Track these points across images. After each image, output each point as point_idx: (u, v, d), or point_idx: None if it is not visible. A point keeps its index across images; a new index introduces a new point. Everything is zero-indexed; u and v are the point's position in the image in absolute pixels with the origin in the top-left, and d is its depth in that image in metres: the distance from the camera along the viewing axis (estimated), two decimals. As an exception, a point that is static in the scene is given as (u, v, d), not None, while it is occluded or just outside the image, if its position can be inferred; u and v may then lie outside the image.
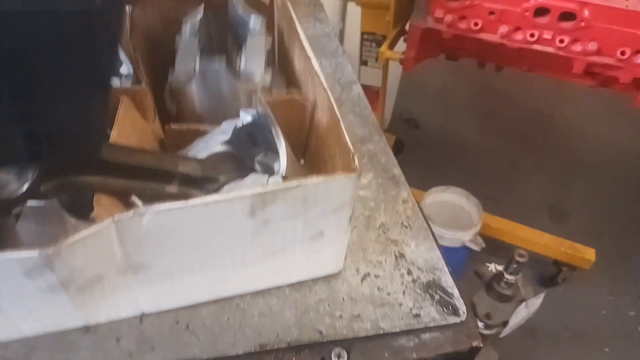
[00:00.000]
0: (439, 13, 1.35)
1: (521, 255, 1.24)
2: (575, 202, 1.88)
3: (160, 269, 0.41)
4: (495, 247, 1.59)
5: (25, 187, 0.35)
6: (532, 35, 1.27)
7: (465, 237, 1.52)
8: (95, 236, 0.36)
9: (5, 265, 0.34)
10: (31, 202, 0.38)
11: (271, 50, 0.57)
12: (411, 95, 2.13)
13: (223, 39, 0.59)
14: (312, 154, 0.52)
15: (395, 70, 1.77)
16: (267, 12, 0.61)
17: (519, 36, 1.29)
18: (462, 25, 1.34)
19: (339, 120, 0.44)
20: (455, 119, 2.19)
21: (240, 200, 0.38)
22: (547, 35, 1.26)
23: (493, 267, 1.36)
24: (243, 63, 0.52)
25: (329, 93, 0.46)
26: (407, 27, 1.63)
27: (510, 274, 1.27)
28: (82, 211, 0.40)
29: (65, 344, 0.43)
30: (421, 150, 1.97)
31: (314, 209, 0.42)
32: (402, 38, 1.64)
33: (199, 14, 0.54)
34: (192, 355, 0.43)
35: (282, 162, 0.43)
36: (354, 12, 1.85)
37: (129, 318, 0.46)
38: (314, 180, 0.39)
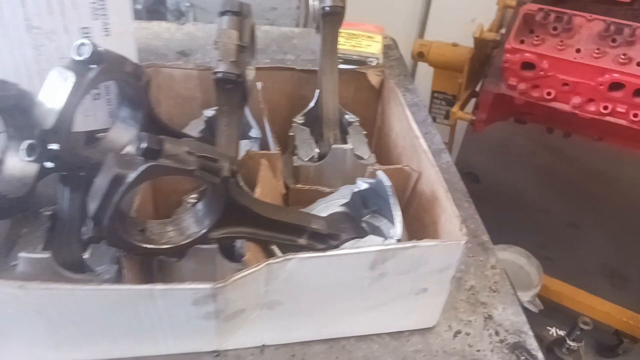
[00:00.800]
0: (512, 81, 1.43)
1: (586, 323, 1.26)
2: (637, 268, 1.86)
3: (290, 307, 0.50)
4: (553, 310, 1.59)
5: (202, 232, 0.45)
6: (605, 108, 1.32)
7: (524, 297, 1.54)
8: (251, 276, 0.44)
9: (180, 294, 0.43)
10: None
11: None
12: (473, 149, 2.19)
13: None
14: (411, 218, 0.60)
15: (460, 125, 1.85)
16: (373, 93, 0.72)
17: (591, 107, 1.34)
18: (535, 93, 1.41)
19: (447, 194, 0.52)
20: (515, 175, 2.22)
21: (366, 255, 0.46)
22: (620, 108, 1.31)
23: (554, 332, 1.37)
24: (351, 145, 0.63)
25: (437, 169, 0.55)
26: (477, 89, 1.72)
27: (573, 340, 1.28)
28: (234, 256, 0.50)
29: (200, 364, 0.52)
30: (481, 205, 2.01)
31: (423, 267, 0.49)
32: (472, 99, 1.72)
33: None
34: (309, 387, 0.51)
35: (398, 225, 0.51)
36: (424, 72, 1.95)
37: (252, 347, 0.54)
38: (428, 242, 0.47)
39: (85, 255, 0.52)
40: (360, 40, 0.90)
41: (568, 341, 1.27)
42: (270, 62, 0.95)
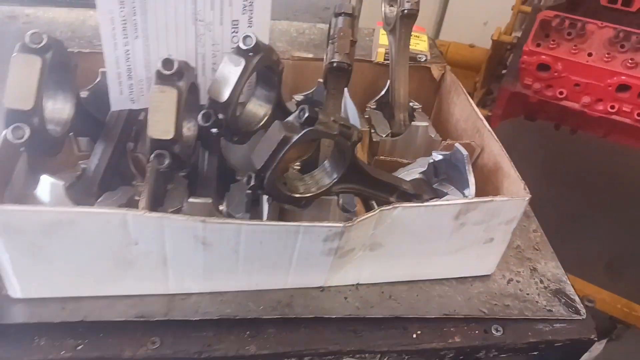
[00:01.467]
0: (528, 80, 1.58)
1: (590, 301, 1.41)
2: (633, 259, 2.02)
3: (388, 249, 0.63)
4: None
5: (330, 184, 0.58)
6: (612, 107, 1.49)
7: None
8: (369, 219, 0.58)
9: (318, 231, 0.57)
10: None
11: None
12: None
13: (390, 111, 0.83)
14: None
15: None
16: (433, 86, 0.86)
17: (599, 106, 1.50)
18: (548, 92, 1.57)
19: (511, 163, 0.66)
20: (520, 167, 2.37)
21: (454, 206, 0.61)
22: (626, 108, 1.47)
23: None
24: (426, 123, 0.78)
25: (500, 144, 0.69)
26: (492, 87, 1.87)
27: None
28: (349, 202, 0.64)
29: (310, 298, 0.65)
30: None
31: (495, 219, 0.63)
32: (486, 98, 1.88)
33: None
34: (398, 313, 0.64)
35: (472, 187, 0.65)
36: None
37: (350, 285, 0.67)
38: (502, 198, 0.61)
39: (222, 207, 0.65)
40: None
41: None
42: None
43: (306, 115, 0.52)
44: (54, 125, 0.56)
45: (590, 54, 1.47)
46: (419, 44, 1.06)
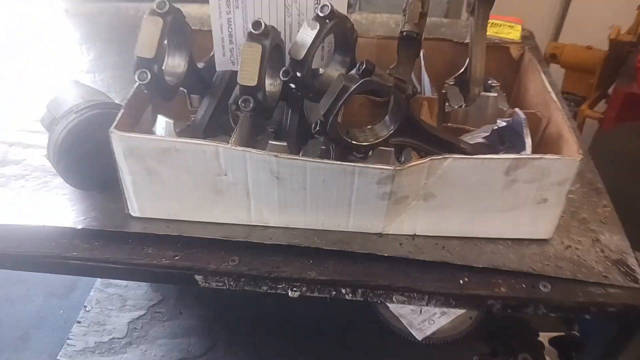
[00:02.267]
0: (646, 80, 1.51)
1: None
2: None
3: (440, 201, 0.71)
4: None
5: (388, 135, 0.68)
6: None
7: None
8: (419, 166, 0.67)
9: (371, 172, 0.66)
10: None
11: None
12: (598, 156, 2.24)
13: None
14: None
15: (587, 131, 1.93)
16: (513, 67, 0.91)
17: None
18: (668, 93, 1.49)
19: (571, 129, 0.70)
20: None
21: (504, 161, 0.66)
22: None
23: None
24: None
25: (564, 114, 0.73)
26: (609, 91, 1.81)
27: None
28: (406, 156, 0.72)
29: (368, 241, 0.75)
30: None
31: (546, 178, 0.68)
32: (602, 101, 1.81)
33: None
34: (449, 260, 0.71)
35: (528, 147, 0.70)
36: (553, 75, 2.06)
37: (405, 235, 0.75)
38: (552, 156, 0.66)
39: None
40: (502, 28, 1.09)
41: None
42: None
43: (364, 67, 0.62)
44: (170, 77, 0.73)
45: None
46: (512, 32, 1.11)
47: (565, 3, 2.14)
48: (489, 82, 0.89)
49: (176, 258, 0.74)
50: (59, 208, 0.79)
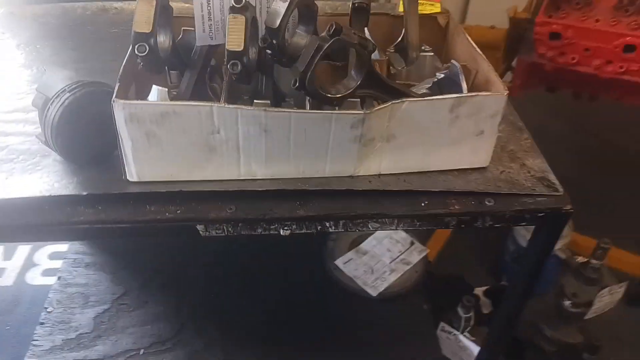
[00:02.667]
0: (542, 50, 1.77)
1: (605, 243, 1.58)
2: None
3: (400, 140, 0.86)
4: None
5: (355, 85, 0.82)
6: (621, 67, 1.66)
7: (556, 245, 1.84)
8: (383, 110, 0.81)
9: (345, 118, 0.80)
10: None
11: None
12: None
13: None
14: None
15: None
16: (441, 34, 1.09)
17: (609, 68, 1.68)
18: (561, 59, 1.76)
19: (496, 75, 0.88)
20: (549, 154, 2.55)
21: (450, 100, 0.83)
22: (634, 67, 1.65)
23: (581, 258, 1.69)
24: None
25: (489, 64, 0.91)
26: (513, 64, 2.07)
27: (595, 259, 1.60)
28: (369, 106, 0.87)
29: (343, 182, 0.88)
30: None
31: (481, 113, 0.85)
32: (508, 73, 2.08)
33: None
34: (412, 188, 0.87)
35: (464, 87, 0.87)
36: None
37: (373, 175, 0.90)
38: (485, 93, 0.83)
39: (275, 115, 0.90)
40: (425, 6, 1.27)
41: (591, 260, 1.59)
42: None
43: (334, 28, 0.76)
44: (159, 51, 0.83)
45: (597, 20, 1.66)
46: (433, 9, 1.29)
47: (467, -10, 2.40)
48: (423, 47, 1.06)
49: (178, 212, 0.83)
50: (55, 182, 0.86)
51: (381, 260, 1.73)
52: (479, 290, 1.88)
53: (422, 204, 0.86)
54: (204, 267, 1.74)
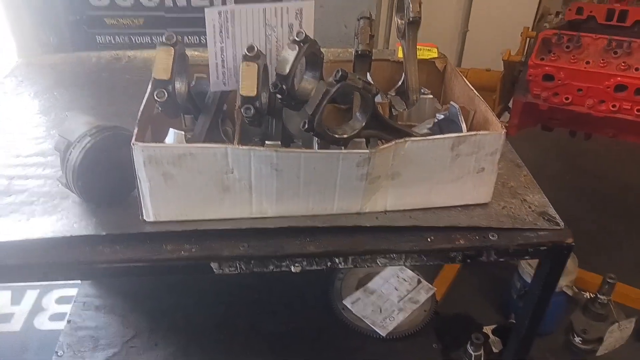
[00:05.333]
0: (536, 90, 1.83)
1: (611, 278, 1.59)
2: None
3: (405, 178, 0.89)
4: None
5: (360, 127, 0.86)
6: (614, 106, 1.71)
7: (562, 282, 1.84)
8: (388, 149, 0.85)
9: (352, 157, 0.84)
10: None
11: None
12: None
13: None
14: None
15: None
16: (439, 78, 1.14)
17: (603, 107, 1.73)
18: (556, 99, 1.82)
19: (494, 115, 0.92)
20: (548, 191, 2.58)
21: (450, 139, 0.87)
22: (626, 105, 1.70)
23: (588, 294, 1.70)
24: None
25: (487, 105, 0.95)
26: (510, 104, 2.13)
27: (603, 294, 1.61)
28: (373, 145, 0.90)
29: (350, 219, 0.91)
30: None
31: (481, 150, 0.89)
32: (505, 113, 2.14)
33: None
34: (418, 224, 0.89)
35: (464, 128, 0.91)
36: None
37: (379, 211, 0.93)
38: (484, 132, 0.87)
39: (285, 156, 0.93)
40: (422, 51, 1.33)
41: (599, 295, 1.59)
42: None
43: (340, 74, 0.80)
44: (177, 97, 0.87)
45: (587, 62, 1.72)
46: (430, 53, 1.35)
47: (462, 35, 2.49)
48: (422, 90, 1.11)
49: (193, 250, 0.86)
50: (75, 223, 0.89)
51: (389, 299, 1.73)
52: (487, 329, 1.88)
53: (428, 239, 0.89)
54: (212, 309, 1.75)
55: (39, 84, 1.33)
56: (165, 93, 0.80)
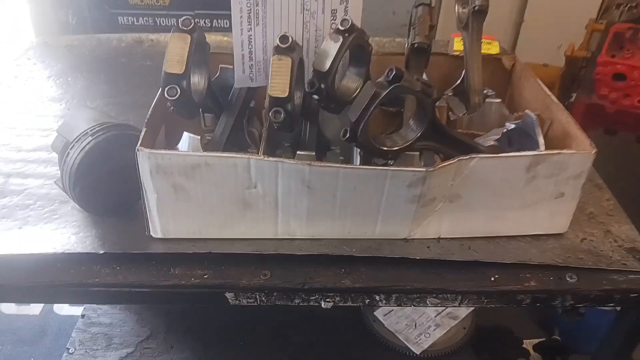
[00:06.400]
0: (604, 91, 1.61)
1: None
2: None
3: (466, 201, 0.72)
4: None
5: (415, 138, 0.69)
6: (695, 113, 1.48)
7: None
8: (448, 167, 0.68)
9: (403, 175, 0.67)
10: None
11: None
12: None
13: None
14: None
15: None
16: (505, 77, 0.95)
17: (682, 113, 1.50)
18: (626, 102, 1.59)
19: (579, 128, 0.73)
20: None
21: (526, 158, 0.69)
22: None
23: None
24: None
25: (569, 113, 0.77)
26: (566, 103, 1.91)
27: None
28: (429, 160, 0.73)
29: (395, 247, 0.75)
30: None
31: (563, 173, 0.71)
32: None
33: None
34: (479, 258, 0.72)
35: (542, 145, 0.73)
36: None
37: (431, 238, 0.76)
38: (569, 151, 0.69)
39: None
40: (482, 45, 1.14)
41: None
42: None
43: (394, 73, 0.63)
44: (193, 94, 0.72)
45: (667, 61, 1.49)
46: (491, 48, 1.16)
47: (517, 26, 2.26)
48: (485, 91, 0.92)
49: (205, 277, 0.71)
50: (72, 235, 0.75)
51: (425, 313, 1.56)
52: (528, 344, 1.70)
53: (492, 279, 0.72)
54: (233, 313, 1.62)
55: (53, 68, 1.20)
56: (178, 90, 0.64)
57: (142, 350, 1.53)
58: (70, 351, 1.52)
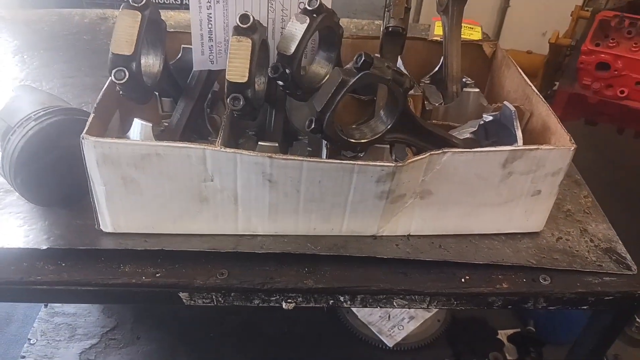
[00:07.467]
0: (587, 80, 1.59)
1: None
2: None
3: (437, 197, 0.68)
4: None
5: (385, 130, 0.65)
6: (677, 105, 1.46)
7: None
8: (419, 162, 0.64)
9: (371, 170, 0.63)
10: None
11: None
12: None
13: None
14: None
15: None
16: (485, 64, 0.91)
17: (664, 104, 1.48)
18: (609, 92, 1.57)
19: (558, 122, 0.70)
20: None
21: (502, 153, 0.65)
22: (693, 105, 1.45)
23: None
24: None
25: (548, 106, 0.73)
26: (549, 92, 1.88)
27: (640, 317, 1.40)
28: (400, 153, 0.69)
29: (363, 244, 0.71)
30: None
31: (541, 170, 0.67)
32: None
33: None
34: (449, 258, 0.69)
35: (520, 142, 0.69)
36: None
37: (400, 236, 0.72)
38: (548, 146, 0.65)
39: (285, 158, 0.73)
40: (464, 30, 1.09)
41: (637, 319, 1.41)
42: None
43: (362, 59, 0.59)
44: (146, 77, 0.66)
45: (652, 52, 1.47)
46: (473, 34, 1.12)
47: (502, 11, 2.22)
48: (464, 79, 0.88)
49: (157, 275, 0.67)
50: (15, 228, 0.70)
51: (398, 305, 1.54)
52: (503, 335, 1.70)
53: (462, 280, 0.68)
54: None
55: (8, 44, 1.13)
56: (127, 72, 0.59)
57: (107, 341, 1.48)
58: (31, 342, 1.47)
